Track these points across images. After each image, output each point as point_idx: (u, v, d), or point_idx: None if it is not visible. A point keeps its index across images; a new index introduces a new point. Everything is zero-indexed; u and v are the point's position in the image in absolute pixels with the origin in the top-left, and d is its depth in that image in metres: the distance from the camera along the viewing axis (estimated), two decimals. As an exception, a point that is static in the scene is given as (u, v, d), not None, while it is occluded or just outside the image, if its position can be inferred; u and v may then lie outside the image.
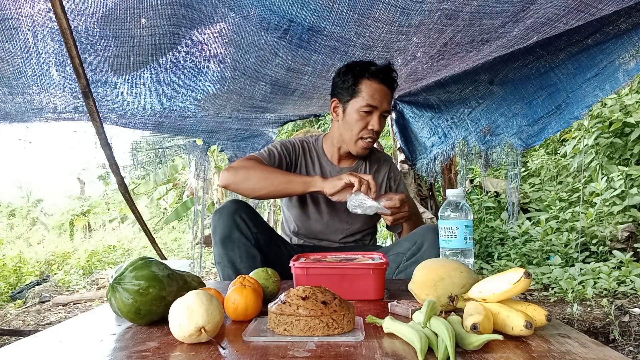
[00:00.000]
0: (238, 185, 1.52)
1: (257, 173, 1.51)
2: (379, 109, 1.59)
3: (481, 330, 0.69)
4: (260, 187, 1.50)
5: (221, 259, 1.48)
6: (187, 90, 2.13)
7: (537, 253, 3.86)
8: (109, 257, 7.45)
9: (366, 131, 1.62)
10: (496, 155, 2.56)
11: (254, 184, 1.51)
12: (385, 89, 1.60)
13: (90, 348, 0.76)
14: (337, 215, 1.73)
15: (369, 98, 1.57)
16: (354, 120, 1.61)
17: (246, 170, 1.52)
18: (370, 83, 1.58)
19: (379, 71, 1.59)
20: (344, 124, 1.65)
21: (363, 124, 1.61)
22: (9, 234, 11.87)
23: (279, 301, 0.82)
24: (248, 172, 1.51)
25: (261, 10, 1.57)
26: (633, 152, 4.04)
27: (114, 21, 1.59)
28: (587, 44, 1.94)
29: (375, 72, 1.58)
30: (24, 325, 3.44)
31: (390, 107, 1.68)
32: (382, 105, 1.59)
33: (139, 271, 0.86)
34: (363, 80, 1.59)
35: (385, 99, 1.60)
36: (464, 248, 1.09)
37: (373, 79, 1.58)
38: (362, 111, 1.59)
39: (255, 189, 1.51)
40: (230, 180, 1.52)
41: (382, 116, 1.62)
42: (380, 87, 1.58)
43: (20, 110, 2.06)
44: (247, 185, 1.51)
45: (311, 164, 1.75)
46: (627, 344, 2.18)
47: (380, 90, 1.58)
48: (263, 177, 1.50)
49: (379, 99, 1.58)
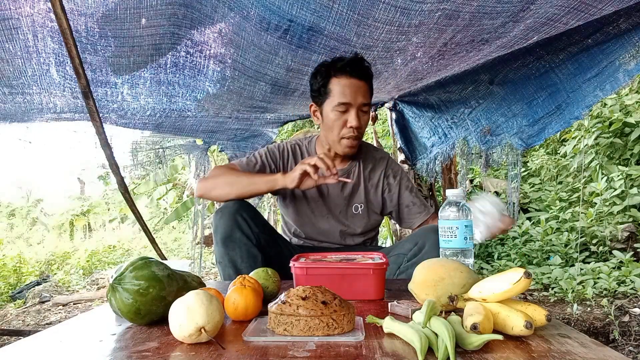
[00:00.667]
0: (209, 193, 1.60)
1: (223, 179, 1.57)
2: (353, 104, 1.54)
3: (481, 330, 0.69)
4: (227, 192, 1.54)
5: (222, 259, 1.48)
6: (187, 90, 2.13)
7: (537, 253, 3.86)
8: (109, 257, 7.45)
9: (346, 130, 1.57)
10: (496, 155, 2.56)
11: (221, 189, 1.57)
12: (356, 82, 1.54)
13: (90, 348, 0.76)
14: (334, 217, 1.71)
15: (340, 96, 1.54)
16: (332, 120, 1.58)
17: (214, 178, 1.60)
18: (338, 80, 1.54)
19: (345, 65, 1.54)
20: (324, 126, 1.62)
21: (341, 123, 1.57)
22: (9, 234, 11.86)
23: (279, 301, 0.83)
24: (215, 181, 1.59)
25: (261, 10, 1.57)
26: (633, 152, 4.04)
27: (114, 21, 1.59)
28: (587, 44, 1.93)
29: (341, 68, 1.54)
30: (24, 325, 3.43)
31: (370, 100, 1.59)
32: (356, 99, 1.54)
33: (139, 271, 0.86)
34: (331, 79, 1.56)
35: (359, 92, 1.54)
36: (464, 248, 1.09)
37: (340, 75, 1.54)
38: (337, 110, 1.55)
39: (221, 195, 1.57)
40: (202, 190, 1.61)
41: (360, 111, 1.56)
42: (350, 81, 1.54)
43: (20, 110, 2.06)
44: (215, 192, 1.58)
45: None
46: (627, 344, 2.18)
47: (350, 84, 1.54)
48: (229, 183, 1.55)
49: (351, 95, 1.53)
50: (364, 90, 1.57)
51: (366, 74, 1.58)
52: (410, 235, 1.57)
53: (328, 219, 1.71)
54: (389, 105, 3.04)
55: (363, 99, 1.56)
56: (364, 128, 1.62)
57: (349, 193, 1.72)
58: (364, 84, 1.56)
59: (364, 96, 1.56)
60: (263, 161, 1.68)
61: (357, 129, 1.58)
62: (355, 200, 1.72)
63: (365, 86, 1.57)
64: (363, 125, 1.59)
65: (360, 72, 1.55)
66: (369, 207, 1.74)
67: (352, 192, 1.72)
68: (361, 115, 1.57)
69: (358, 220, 1.73)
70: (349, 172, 1.73)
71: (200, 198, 2.00)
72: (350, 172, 1.73)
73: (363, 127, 1.60)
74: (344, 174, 1.70)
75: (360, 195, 1.73)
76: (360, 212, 1.73)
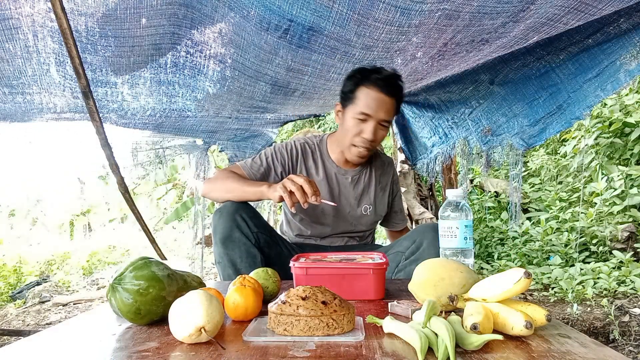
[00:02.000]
0: (210, 195, 1.62)
1: (223, 185, 1.57)
2: (373, 117, 1.55)
3: (481, 330, 0.69)
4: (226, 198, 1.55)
5: (221, 259, 1.48)
6: (187, 90, 2.13)
7: (537, 253, 3.86)
8: (109, 257, 7.45)
9: (359, 139, 1.59)
10: (497, 155, 2.56)
11: (219, 194, 1.58)
12: (384, 98, 1.55)
13: (90, 348, 0.76)
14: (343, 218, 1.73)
15: (364, 106, 1.55)
16: (349, 126, 1.59)
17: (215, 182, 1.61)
18: (368, 91, 1.55)
19: (378, 79, 1.55)
20: (342, 128, 1.64)
21: (357, 130, 1.58)
22: (9, 234, 11.85)
23: (279, 301, 0.82)
24: (215, 185, 1.60)
25: (261, 10, 1.57)
26: (633, 152, 4.04)
27: (114, 21, 1.59)
28: (588, 44, 1.93)
29: (374, 80, 1.55)
30: (24, 325, 3.43)
31: (391, 117, 1.61)
32: (377, 114, 1.55)
33: (139, 271, 0.86)
34: (361, 87, 1.56)
35: (383, 108, 1.55)
36: (464, 248, 1.09)
37: (371, 86, 1.55)
38: (357, 118, 1.56)
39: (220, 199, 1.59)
40: (205, 191, 1.64)
41: (380, 125, 1.58)
42: (379, 95, 1.54)
43: (20, 110, 2.06)
44: (215, 195, 1.60)
45: (314, 167, 1.73)
46: (627, 344, 2.18)
47: (378, 99, 1.54)
48: (226, 189, 1.56)
49: (374, 108, 1.54)
50: (389, 107, 1.57)
51: (397, 92, 1.58)
52: (409, 233, 1.58)
53: (337, 219, 1.73)
54: (389, 105, 3.04)
55: (385, 115, 1.57)
56: (378, 142, 1.63)
57: (360, 194, 1.75)
58: (390, 100, 1.57)
59: (387, 113, 1.57)
60: (268, 163, 1.67)
61: (371, 142, 1.59)
62: (364, 201, 1.76)
63: (391, 103, 1.57)
64: (378, 140, 1.61)
65: (391, 89, 1.56)
66: (376, 208, 1.79)
67: (362, 194, 1.76)
68: (379, 129, 1.59)
69: (365, 220, 1.76)
70: (359, 175, 1.76)
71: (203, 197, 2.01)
72: (361, 175, 1.76)
73: (377, 141, 1.61)
74: (355, 175, 1.75)
75: (369, 196, 1.77)
76: (369, 213, 1.77)
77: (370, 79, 1.56)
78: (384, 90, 1.55)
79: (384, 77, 1.56)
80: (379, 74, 1.56)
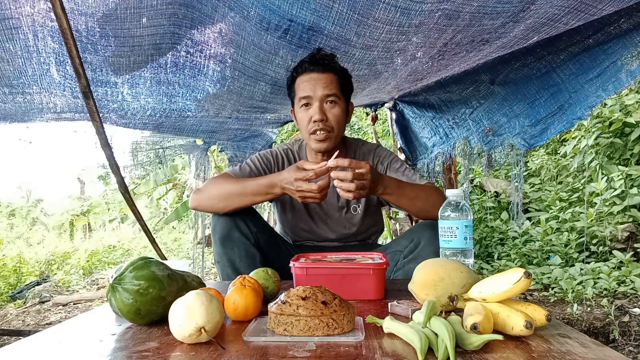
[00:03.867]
0: (203, 206, 1.51)
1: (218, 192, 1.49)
2: (314, 97, 1.50)
3: (481, 330, 0.69)
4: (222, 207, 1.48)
5: (221, 259, 1.48)
6: (187, 90, 2.13)
7: (537, 253, 3.86)
8: (109, 257, 7.45)
9: (311, 124, 1.53)
10: (498, 155, 2.56)
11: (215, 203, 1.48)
12: (316, 75, 1.51)
13: (90, 348, 0.76)
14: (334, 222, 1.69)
15: (301, 91, 1.53)
16: (300, 118, 1.57)
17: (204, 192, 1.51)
18: (300, 78, 1.55)
19: (304, 62, 1.54)
20: (299, 126, 1.62)
21: (307, 118, 1.53)
22: (9, 234, 11.86)
23: (279, 301, 0.82)
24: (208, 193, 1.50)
25: (261, 10, 1.57)
26: (633, 152, 4.04)
27: (115, 21, 1.59)
28: (589, 44, 1.93)
29: (300, 66, 1.55)
30: (24, 325, 3.43)
31: (336, 91, 1.52)
32: (316, 92, 1.50)
33: (139, 271, 0.86)
34: (295, 80, 1.57)
35: (319, 84, 1.50)
36: (464, 248, 1.08)
37: (301, 73, 1.54)
38: (302, 106, 1.55)
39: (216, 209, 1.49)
40: (195, 202, 1.52)
41: (327, 104, 1.51)
42: (309, 75, 1.52)
43: (20, 110, 2.06)
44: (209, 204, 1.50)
45: None
46: (627, 344, 2.18)
47: (309, 79, 1.52)
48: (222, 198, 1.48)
49: (310, 87, 1.51)
50: (326, 81, 1.51)
51: (326, 65, 1.53)
52: (406, 231, 1.57)
53: (328, 224, 1.69)
54: (389, 105, 3.04)
55: (325, 89, 1.50)
56: (335, 121, 1.53)
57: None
58: (326, 75, 1.52)
59: (326, 87, 1.50)
60: (257, 168, 1.64)
61: (322, 122, 1.51)
62: (351, 201, 1.68)
63: (327, 77, 1.52)
64: (331, 118, 1.52)
65: (319, 65, 1.52)
66: (366, 204, 1.70)
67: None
68: (327, 107, 1.52)
69: (358, 220, 1.71)
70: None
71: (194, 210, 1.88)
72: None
73: (332, 119, 1.52)
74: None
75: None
76: (360, 212, 1.70)
77: (297, 68, 1.56)
78: (312, 69, 1.52)
79: (309, 57, 1.54)
80: (305, 59, 1.55)
